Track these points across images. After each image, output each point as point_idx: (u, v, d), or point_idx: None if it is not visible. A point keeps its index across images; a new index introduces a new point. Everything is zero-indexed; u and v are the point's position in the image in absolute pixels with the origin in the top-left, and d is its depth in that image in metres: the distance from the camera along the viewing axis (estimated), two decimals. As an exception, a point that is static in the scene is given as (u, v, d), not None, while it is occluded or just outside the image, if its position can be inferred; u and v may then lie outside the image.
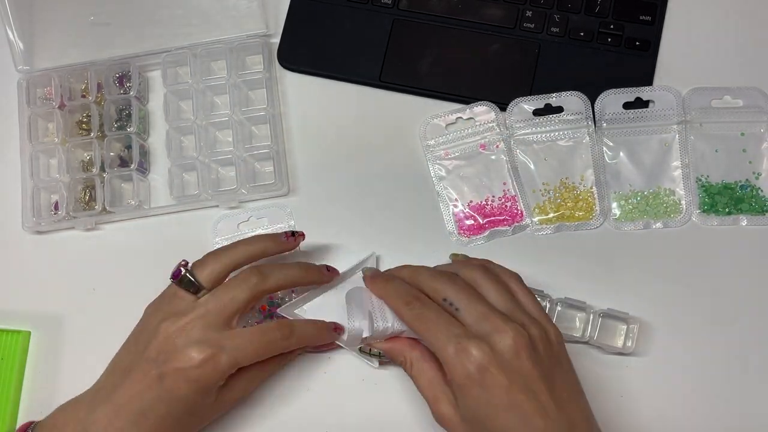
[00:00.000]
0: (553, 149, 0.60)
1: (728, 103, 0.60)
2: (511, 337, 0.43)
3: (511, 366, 0.43)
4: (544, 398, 0.43)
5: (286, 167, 0.62)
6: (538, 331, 0.45)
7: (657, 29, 0.62)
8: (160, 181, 0.63)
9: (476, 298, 0.46)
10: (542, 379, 0.43)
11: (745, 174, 0.59)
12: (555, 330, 0.46)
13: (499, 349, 0.43)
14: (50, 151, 0.63)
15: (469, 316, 0.45)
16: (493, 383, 0.42)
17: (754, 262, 0.57)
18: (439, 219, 0.60)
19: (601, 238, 0.59)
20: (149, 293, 0.60)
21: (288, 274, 0.51)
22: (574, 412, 0.44)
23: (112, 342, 0.59)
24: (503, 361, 0.43)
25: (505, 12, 0.63)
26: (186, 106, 0.64)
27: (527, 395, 0.42)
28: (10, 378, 0.58)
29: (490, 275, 0.48)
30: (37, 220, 0.61)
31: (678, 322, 0.56)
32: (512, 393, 0.42)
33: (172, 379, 0.46)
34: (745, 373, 0.55)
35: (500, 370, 0.42)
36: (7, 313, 0.60)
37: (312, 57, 0.64)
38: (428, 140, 0.61)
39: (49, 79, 0.64)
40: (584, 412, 0.45)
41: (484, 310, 0.45)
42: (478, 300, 0.46)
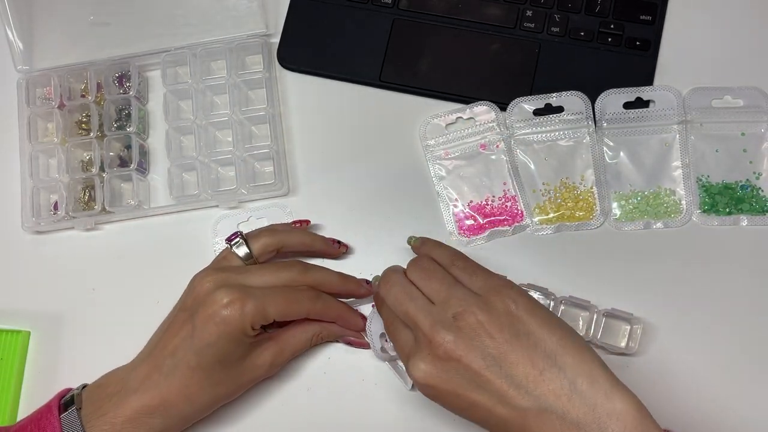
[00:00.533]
0: (553, 149, 0.60)
1: (728, 102, 0.60)
2: (440, 342, 0.42)
3: (449, 371, 0.42)
4: (496, 386, 0.41)
5: (286, 167, 0.62)
6: (473, 317, 0.42)
7: (657, 29, 0.62)
8: (159, 181, 0.63)
9: (407, 303, 0.45)
10: (487, 368, 0.41)
11: (745, 174, 0.59)
12: (502, 296, 0.44)
13: (437, 358, 0.42)
14: (50, 151, 0.63)
15: (409, 326, 0.45)
16: (441, 394, 0.43)
17: (755, 262, 0.57)
18: (439, 219, 0.60)
19: (602, 238, 0.59)
20: (149, 293, 0.60)
21: (327, 277, 0.54)
22: (545, 384, 0.40)
23: (112, 341, 0.59)
24: (440, 371, 0.42)
25: (505, 12, 0.63)
26: (186, 106, 0.64)
27: (478, 392, 0.41)
28: (9, 377, 0.58)
29: (427, 268, 0.47)
30: (36, 220, 0.61)
31: (678, 322, 0.56)
32: (462, 396, 0.42)
33: (203, 324, 0.47)
34: (746, 373, 0.55)
35: (443, 380, 0.42)
36: (7, 312, 0.60)
37: (312, 57, 0.64)
38: (428, 140, 0.61)
39: (48, 79, 0.63)
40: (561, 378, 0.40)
41: (414, 319, 0.44)
42: (409, 307, 0.45)
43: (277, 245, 0.54)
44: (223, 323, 0.47)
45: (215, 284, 0.49)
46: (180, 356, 0.48)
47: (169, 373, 0.48)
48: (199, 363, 0.48)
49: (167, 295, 0.60)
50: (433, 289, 0.46)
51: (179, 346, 0.48)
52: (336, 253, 0.58)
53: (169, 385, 0.48)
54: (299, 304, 0.50)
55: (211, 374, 0.48)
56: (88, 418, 0.47)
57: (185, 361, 0.48)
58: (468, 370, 0.42)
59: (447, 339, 0.42)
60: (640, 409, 0.40)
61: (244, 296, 0.48)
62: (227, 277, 0.50)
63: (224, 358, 0.48)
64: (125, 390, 0.48)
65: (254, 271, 0.51)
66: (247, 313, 0.47)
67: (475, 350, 0.42)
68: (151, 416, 0.47)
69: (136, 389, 0.48)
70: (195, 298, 0.49)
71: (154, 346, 0.50)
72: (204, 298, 0.48)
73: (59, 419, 0.47)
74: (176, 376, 0.48)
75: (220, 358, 0.48)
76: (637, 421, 0.39)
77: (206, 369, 0.48)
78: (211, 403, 0.50)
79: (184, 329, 0.48)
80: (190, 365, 0.48)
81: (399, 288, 0.47)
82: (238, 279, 0.50)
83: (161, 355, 0.49)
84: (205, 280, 0.50)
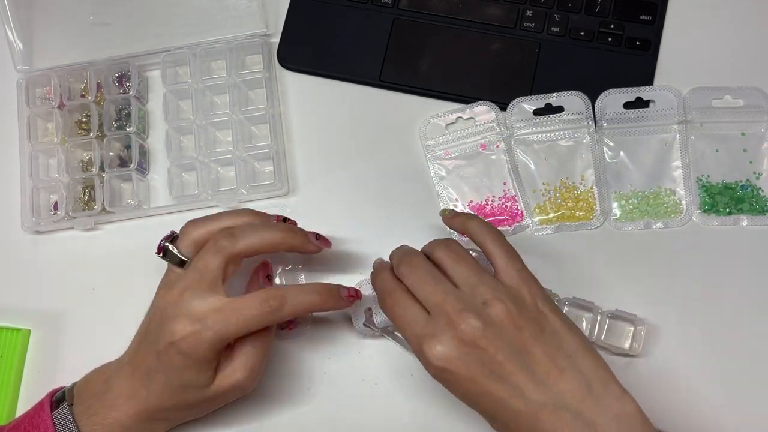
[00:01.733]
0: (553, 149, 0.60)
1: (729, 102, 0.60)
2: (468, 329, 0.42)
3: (471, 357, 0.42)
4: (516, 379, 0.41)
5: (285, 167, 0.62)
6: (503, 306, 0.43)
7: (657, 29, 0.62)
8: (159, 181, 0.63)
9: (432, 286, 0.44)
10: (511, 360, 0.41)
11: (745, 174, 0.59)
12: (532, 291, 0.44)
13: (462, 343, 0.42)
14: (50, 151, 0.63)
15: (429, 307, 0.44)
16: (456, 380, 0.42)
17: (755, 262, 0.57)
18: (439, 219, 0.60)
19: (602, 238, 0.59)
20: (148, 293, 0.60)
21: (264, 236, 0.48)
22: (564, 383, 0.41)
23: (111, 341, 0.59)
24: (462, 355, 0.42)
25: (505, 12, 0.63)
26: (185, 106, 0.64)
27: (496, 382, 0.41)
28: (9, 375, 0.58)
29: (456, 251, 0.47)
30: (36, 220, 0.61)
31: (678, 322, 0.56)
32: (479, 384, 0.41)
33: (166, 351, 0.47)
34: (748, 373, 0.55)
35: (462, 366, 0.42)
36: (7, 310, 0.61)
37: (312, 57, 0.64)
38: (428, 140, 0.61)
39: (48, 78, 0.63)
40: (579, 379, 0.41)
41: (438, 301, 0.43)
42: (434, 289, 0.44)
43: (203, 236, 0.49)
44: (185, 354, 0.46)
45: (173, 311, 0.47)
46: (153, 373, 0.48)
47: (145, 386, 0.48)
48: (167, 383, 0.47)
49: (167, 295, 0.60)
50: (461, 274, 0.45)
51: (151, 365, 0.48)
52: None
53: (146, 396, 0.48)
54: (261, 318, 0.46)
55: (180, 395, 0.48)
56: (80, 416, 0.48)
57: (156, 377, 0.47)
58: (491, 360, 0.41)
59: (475, 325, 0.42)
60: (643, 414, 0.41)
61: (198, 327, 0.46)
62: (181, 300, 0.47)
63: (189, 383, 0.47)
64: (111, 392, 0.48)
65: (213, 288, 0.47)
66: (204, 343, 0.46)
67: (503, 341, 0.42)
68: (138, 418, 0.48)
69: (120, 393, 0.48)
70: (157, 322, 0.48)
71: (135, 351, 0.50)
72: (164, 326, 0.47)
73: (51, 416, 0.47)
74: (151, 390, 0.48)
75: (185, 383, 0.47)
76: (642, 423, 0.41)
77: (172, 389, 0.48)
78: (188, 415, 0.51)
79: (151, 349, 0.48)
80: (161, 382, 0.47)
81: (423, 271, 0.46)
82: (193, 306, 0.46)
83: (139, 365, 0.48)
84: (163, 304, 0.48)
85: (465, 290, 0.44)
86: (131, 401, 0.48)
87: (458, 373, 0.42)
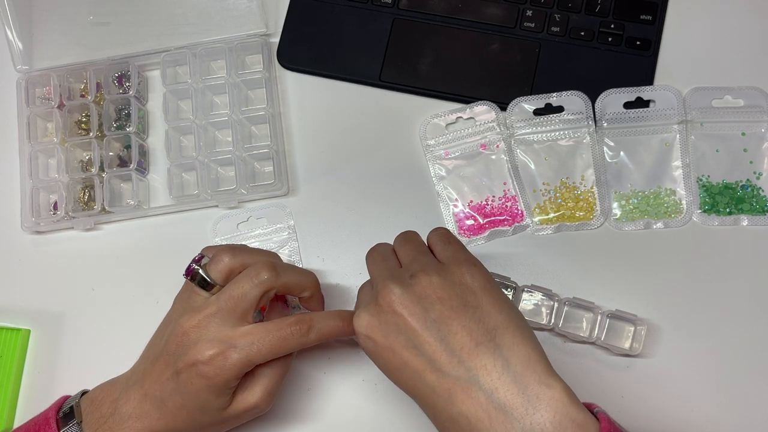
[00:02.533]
0: (553, 149, 0.60)
1: (729, 102, 0.60)
2: (388, 294, 0.43)
3: (389, 325, 0.43)
4: (431, 349, 0.41)
5: (285, 167, 0.62)
6: (427, 278, 0.43)
7: (657, 29, 0.62)
8: (159, 181, 0.63)
9: (380, 264, 0.48)
10: (426, 329, 0.41)
11: (746, 174, 0.59)
12: (463, 268, 0.44)
13: (381, 310, 0.43)
14: (49, 151, 0.63)
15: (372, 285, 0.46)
16: (378, 349, 0.43)
17: (756, 262, 0.57)
18: (439, 219, 0.60)
19: (602, 238, 0.59)
20: (149, 293, 0.60)
21: (300, 278, 0.50)
22: (478, 357, 0.40)
23: (111, 341, 0.59)
24: (381, 323, 0.43)
25: (505, 11, 0.63)
26: (185, 106, 0.64)
27: (412, 352, 0.42)
28: (8, 375, 0.58)
29: (408, 236, 0.50)
30: (36, 220, 0.61)
31: (679, 322, 0.56)
32: (396, 353, 0.42)
33: (186, 374, 0.46)
34: (748, 372, 0.55)
35: (382, 333, 0.43)
36: (7, 310, 0.61)
37: (312, 57, 0.64)
38: (428, 140, 0.61)
39: (48, 78, 0.63)
40: (495, 355, 0.40)
41: (376, 273, 0.47)
42: (377, 267, 0.47)
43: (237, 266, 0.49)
44: (207, 378, 0.46)
45: (198, 334, 0.47)
46: (167, 394, 0.47)
47: (157, 406, 0.47)
48: (183, 405, 0.47)
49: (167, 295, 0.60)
50: (405, 253, 0.48)
51: (166, 386, 0.47)
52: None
53: (158, 417, 0.47)
54: (289, 342, 0.47)
55: (196, 417, 0.47)
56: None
57: (171, 400, 0.47)
58: (407, 328, 0.42)
59: (394, 291, 0.43)
60: (572, 399, 0.39)
61: (227, 349, 0.46)
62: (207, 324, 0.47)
63: (207, 406, 0.47)
64: (119, 414, 0.47)
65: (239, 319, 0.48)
66: (231, 367, 0.46)
67: (420, 309, 0.42)
68: None
69: (129, 415, 0.47)
70: (178, 342, 0.47)
71: (143, 373, 0.48)
72: (186, 347, 0.47)
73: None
74: (164, 411, 0.47)
75: (202, 406, 0.47)
76: (567, 408, 0.39)
77: (190, 412, 0.47)
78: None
79: (168, 370, 0.47)
80: (176, 404, 0.47)
81: (378, 252, 0.49)
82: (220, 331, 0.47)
83: (151, 387, 0.47)
84: (187, 327, 0.47)
85: (403, 267, 0.46)
86: (140, 423, 0.47)
87: (379, 341, 0.43)
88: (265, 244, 0.60)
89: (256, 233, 0.60)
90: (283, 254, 0.59)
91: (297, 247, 0.60)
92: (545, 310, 0.55)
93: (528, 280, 0.57)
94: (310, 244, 0.60)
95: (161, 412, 0.47)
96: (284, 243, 0.60)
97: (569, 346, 0.56)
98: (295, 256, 0.60)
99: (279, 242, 0.60)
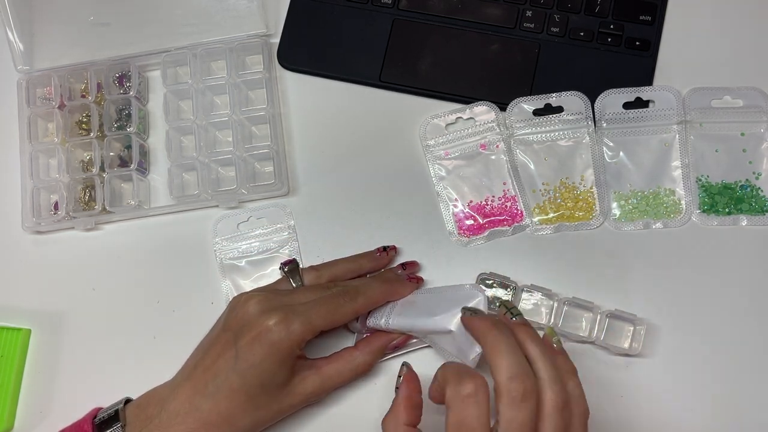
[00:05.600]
0: (553, 149, 0.60)
1: (728, 103, 0.60)
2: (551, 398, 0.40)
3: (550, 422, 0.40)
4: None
5: (286, 167, 0.62)
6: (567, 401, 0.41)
7: (657, 29, 0.62)
8: (159, 181, 0.63)
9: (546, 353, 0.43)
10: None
11: (745, 174, 0.59)
12: (582, 410, 0.42)
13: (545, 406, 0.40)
14: (50, 151, 0.63)
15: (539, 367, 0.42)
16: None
17: (755, 262, 0.57)
18: (439, 219, 0.60)
19: (601, 238, 0.59)
20: (148, 293, 0.60)
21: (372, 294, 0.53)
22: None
23: (111, 341, 0.59)
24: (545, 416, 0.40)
25: (505, 12, 0.63)
26: (186, 106, 0.64)
27: None
28: (9, 375, 0.58)
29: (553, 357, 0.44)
30: (36, 220, 0.61)
31: (678, 322, 0.56)
32: None
33: (248, 346, 0.47)
34: (747, 372, 0.55)
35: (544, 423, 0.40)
36: (7, 310, 0.61)
37: (312, 57, 0.64)
38: (428, 140, 0.61)
39: (48, 79, 0.64)
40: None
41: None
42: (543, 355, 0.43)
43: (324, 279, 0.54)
44: (269, 344, 0.47)
45: (260, 306, 0.49)
46: (222, 378, 0.47)
47: (210, 395, 0.47)
48: (242, 385, 0.47)
49: (167, 295, 0.60)
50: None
51: (222, 368, 0.47)
52: (387, 262, 0.57)
53: (210, 407, 0.47)
54: (343, 308, 0.50)
55: (254, 397, 0.47)
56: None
57: (228, 383, 0.47)
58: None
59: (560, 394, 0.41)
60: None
61: (289, 315, 0.48)
62: (271, 297, 0.50)
63: (267, 381, 0.47)
64: (166, 412, 0.47)
65: (298, 291, 0.52)
66: (294, 332, 0.47)
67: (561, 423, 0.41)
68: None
69: (177, 412, 0.47)
70: (239, 319, 0.49)
71: (194, 367, 0.49)
72: (249, 320, 0.48)
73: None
74: (218, 399, 0.47)
75: (263, 381, 0.47)
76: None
77: (249, 391, 0.47)
78: (251, 427, 0.48)
79: (227, 351, 0.48)
80: (233, 387, 0.47)
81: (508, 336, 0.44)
82: (282, 300, 0.50)
83: (203, 377, 0.48)
84: (250, 302, 0.49)
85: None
86: (190, 418, 0.46)
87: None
88: (265, 244, 0.60)
89: (256, 233, 0.60)
90: (284, 254, 0.60)
91: (297, 247, 0.60)
92: (545, 310, 0.55)
93: (528, 280, 0.57)
94: (310, 244, 0.60)
95: (214, 401, 0.47)
96: (284, 243, 0.60)
97: (569, 345, 0.56)
98: (295, 256, 0.60)
99: (279, 242, 0.60)
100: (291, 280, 0.53)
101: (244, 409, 0.47)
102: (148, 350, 0.59)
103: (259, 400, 0.48)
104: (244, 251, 0.60)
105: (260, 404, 0.48)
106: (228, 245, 0.60)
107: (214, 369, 0.47)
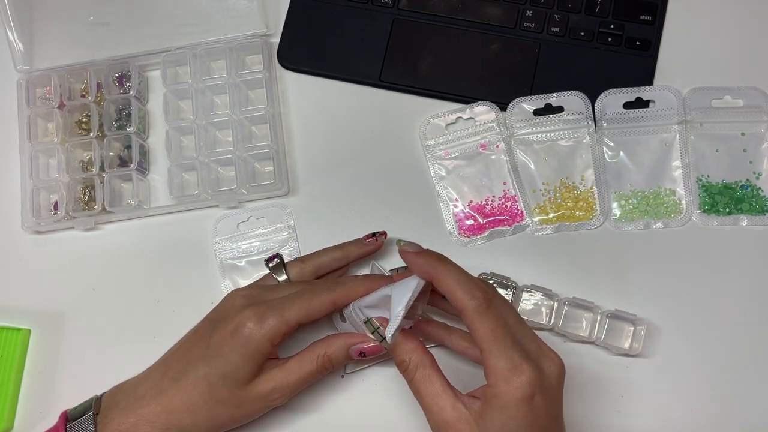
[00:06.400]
0: (553, 149, 0.60)
1: (728, 103, 0.60)
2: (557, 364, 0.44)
3: (551, 393, 0.43)
4: (561, 425, 0.44)
5: (285, 167, 0.62)
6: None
7: (657, 29, 0.62)
8: (159, 181, 0.63)
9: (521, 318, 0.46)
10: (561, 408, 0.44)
11: (745, 174, 0.59)
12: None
13: (546, 375, 0.43)
14: (50, 151, 0.63)
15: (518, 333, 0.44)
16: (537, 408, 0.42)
17: (755, 262, 0.57)
18: (439, 219, 0.60)
19: (602, 238, 0.59)
20: (149, 293, 0.60)
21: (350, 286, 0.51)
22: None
23: (112, 341, 0.59)
24: (546, 387, 0.43)
25: (505, 12, 0.63)
26: (186, 106, 0.64)
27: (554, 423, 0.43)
28: (9, 375, 0.58)
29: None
30: (36, 220, 0.61)
31: (678, 322, 0.56)
32: (547, 419, 0.42)
33: (220, 337, 0.48)
34: (747, 372, 0.55)
35: (543, 396, 0.42)
36: (7, 310, 0.61)
37: (312, 57, 0.64)
38: (428, 140, 0.61)
39: (48, 78, 0.63)
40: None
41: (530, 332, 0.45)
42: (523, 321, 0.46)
43: (311, 271, 0.54)
44: (241, 337, 0.47)
45: (243, 300, 0.50)
46: (192, 365, 0.48)
47: (176, 379, 0.48)
48: (207, 374, 0.47)
49: (167, 294, 0.60)
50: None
51: (194, 355, 0.48)
52: (375, 248, 0.57)
53: (175, 391, 0.47)
54: (319, 296, 0.49)
55: (215, 388, 0.48)
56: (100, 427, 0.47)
57: (195, 369, 0.48)
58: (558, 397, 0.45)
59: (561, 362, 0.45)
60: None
61: (266, 310, 0.48)
62: (255, 294, 0.50)
63: (231, 373, 0.47)
64: (133, 396, 0.48)
65: (281, 286, 0.52)
66: (266, 326, 0.47)
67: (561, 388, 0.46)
68: (153, 425, 0.47)
69: (143, 394, 0.48)
70: (221, 311, 0.50)
71: (171, 353, 0.50)
72: (229, 313, 0.49)
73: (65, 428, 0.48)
74: (182, 383, 0.47)
75: (227, 373, 0.47)
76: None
77: (211, 381, 0.47)
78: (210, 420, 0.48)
79: (202, 340, 0.49)
80: (198, 374, 0.47)
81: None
82: (264, 295, 0.50)
83: (173, 360, 0.49)
84: (236, 297, 0.50)
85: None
86: (155, 401, 0.47)
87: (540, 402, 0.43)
88: (265, 244, 0.60)
89: (256, 233, 0.60)
90: (284, 254, 0.60)
91: (297, 246, 0.60)
92: (545, 310, 0.55)
93: (528, 280, 0.57)
94: (310, 244, 0.60)
95: (179, 385, 0.47)
96: (284, 243, 0.60)
97: (569, 345, 0.56)
98: (295, 256, 0.60)
99: (279, 242, 0.60)
100: (275, 275, 0.54)
101: (204, 399, 0.47)
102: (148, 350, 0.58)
103: (219, 391, 0.48)
104: (244, 251, 0.60)
105: (220, 397, 0.48)
106: (228, 245, 0.60)
107: (188, 356, 0.49)
